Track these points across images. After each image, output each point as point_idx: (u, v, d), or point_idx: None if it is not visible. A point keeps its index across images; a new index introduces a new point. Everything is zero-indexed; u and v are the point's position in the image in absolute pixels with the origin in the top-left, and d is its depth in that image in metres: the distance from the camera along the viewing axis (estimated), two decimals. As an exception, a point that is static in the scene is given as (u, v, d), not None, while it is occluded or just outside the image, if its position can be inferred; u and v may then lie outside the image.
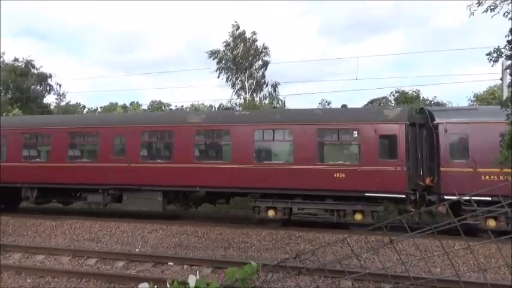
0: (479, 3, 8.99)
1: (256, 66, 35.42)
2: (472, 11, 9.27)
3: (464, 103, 29.19)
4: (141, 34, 77.91)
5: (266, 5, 65.63)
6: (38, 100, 35.07)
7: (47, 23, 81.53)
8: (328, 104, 32.93)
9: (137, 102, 43.55)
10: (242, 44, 34.27)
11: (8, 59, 34.24)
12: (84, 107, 44.62)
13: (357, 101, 66.79)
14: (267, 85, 35.85)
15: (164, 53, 73.70)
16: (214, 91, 61.70)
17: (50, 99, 37.79)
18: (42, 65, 44.63)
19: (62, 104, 38.03)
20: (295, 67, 58.72)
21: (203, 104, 35.81)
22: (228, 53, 34.98)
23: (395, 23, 72.98)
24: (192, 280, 1.95)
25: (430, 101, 28.57)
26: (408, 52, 63.29)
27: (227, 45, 34.96)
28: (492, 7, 8.62)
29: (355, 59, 61.98)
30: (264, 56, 35.07)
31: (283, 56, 61.02)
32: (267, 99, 35.32)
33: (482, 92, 27.76)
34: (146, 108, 40.23)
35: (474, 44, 68.73)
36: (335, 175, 11.43)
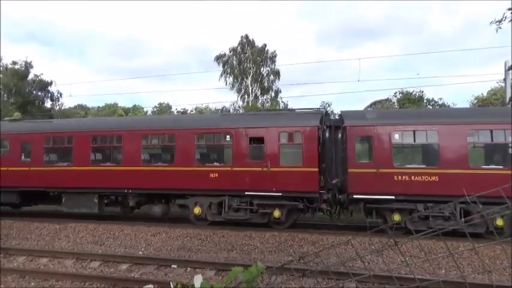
0: (501, 20, 9.14)
1: (265, 73, 35.66)
2: (499, 26, 9.46)
3: (465, 105, 29.11)
4: (142, 40, 78.43)
5: (264, 10, 65.84)
6: (38, 104, 35.29)
7: (48, 28, 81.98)
8: (329, 106, 32.94)
9: (139, 105, 43.82)
10: (249, 48, 34.48)
11: (5, 63, 34.43)
12: (87, 108, 44.86)
13: (359, 103, 66.80)
14: (272, 90, 36.09)
15: (165, 58, 74.17)
16: (213, 94, 61.99)
17: (49, 104, 37.96)
18: (43, 70, 44.81)
19: (56, 108, 38.28)
20: (296, 71, 58.85)
21: (207, 107, 35.95)
22: (233, 57, 35.21)
23: (391, 29, 73.13)
24: (197, 280, 1.94)
25: (435, 102, 28.44)
26: (410, 54, 63.31)
27: (233, 50, 35.18)
28: None
29: (357, 61, 61.91)
30: (273, 64, 35.34)
31: (284, 60, 61.26)
32: (269, 102, 35.49)
33: (485, 94, 27.69)
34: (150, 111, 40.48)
35: (475, 46, 68.63)
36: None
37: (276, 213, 11.80)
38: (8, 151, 14.68)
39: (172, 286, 2.00)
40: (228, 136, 12.52)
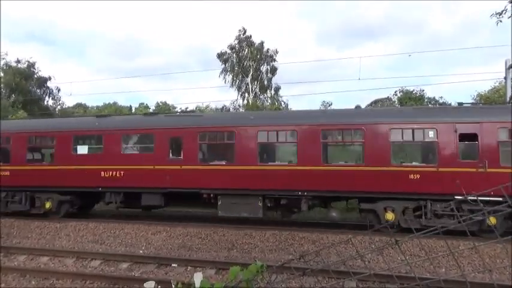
0: (501, 13, 9.18)
1: (263, 70, 35.56)
2: (499, 19, 9.47)
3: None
4: (142, 40, 78.49)
5: (264, 10, 65.83)
6: (39, 102, 35.40)
7: (48, 28, 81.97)
8: (330, 105, 32.94)
9: (146, 104, 43.82)
10: (247, 47, 34.41)
11: (10, 60, 34.59)
12: (86, 107, 44.92)
13: (360, 102, 66.76)
14: (270, 88, 36.02)
15: (165, 58, 74.25)
16: (214, 93, 62.04)
17: (50, 102, 38.18)
18: (42, 69, 44.97)
19: (58, 107, 38.42)
20: (296, 70, 58.82)
21: (208, 106, 35.98)
22: (233, 55, 35.15)
23: (391, 29, 73.19)
24: (197, 278, 1.93)
25: (436, 101, 28.44)
26: (411, 52, 63.25)
27: (232, 48, 35.13)
28: None
29: (357, 60, 61.91)
30: (272, 61, 35.25)
31: (284, 59, 61.29)
32: (269, 101, 35.43)
33: (486, 91, 27.68)
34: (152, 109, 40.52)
35: (474, 44, 68.63)
36: None
37: (493, 220, 9.90)
38: (153, 148, 13.03)
39: (173, 285, 2.00)
40: (431, 132, 10.95)
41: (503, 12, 9.45)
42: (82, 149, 13.73)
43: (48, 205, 13.72)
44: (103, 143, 13.47)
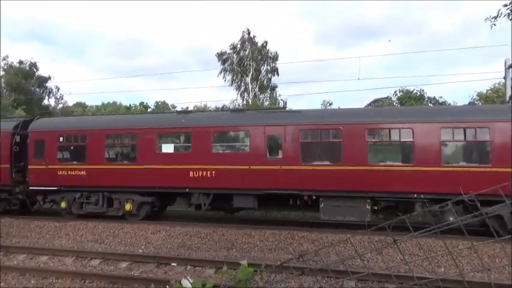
0: (496, 16, 9.17)
1: (263, 71, 35.58)
2: (493, 22, 9.47)
3: (466, 102, 29.12)
4: (142, 40, 78.51)
5: (265, 10, 65.82)
6: (39, 102, 35.47)
7: (48, 28, 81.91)
8: (330, 105, 32.93)
9: (147, 103, 43.77)
10: (249, 47, 34.43)
11: (12, 61, 34.70)
12: (85, 106, 44.91)
13: (359, 102, 66.92)
14: (270, 88, 36.06)
15: (166, 58, 74.28)
16: (213, 93, 62.09)
17: (50, 101, 38.27)
18: (41, 68, 45.11)
19: (60, 106, 38.48)
20: (296, 70, 58.85)
21: (206, 106, 36.00)
22: (234, 55, 35.19)
23: (391, 29, 73.27)
24: (186, 284, 1.94)
25: (436, 100, 28.44)
26: (410, 52, 63.33)
27: (233, 47, 35.16)
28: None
29: (357, 60, 61.90)
30: (273, 62, 35.28)
31: (283, 59, 61.28)
32: (267, 100, 35.44)
33: (485, 91, 27.70)
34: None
35: (475, 45, 68.72)
36: None
37: None
38: (248, 147, 12.23)
39: (172, 285, 2.02)
40: None
41: (498, 16, 9.45)
42: (167, 148, 13.09)
43: (128, 207, 13.18)
44: (191, 142, 12.80)
